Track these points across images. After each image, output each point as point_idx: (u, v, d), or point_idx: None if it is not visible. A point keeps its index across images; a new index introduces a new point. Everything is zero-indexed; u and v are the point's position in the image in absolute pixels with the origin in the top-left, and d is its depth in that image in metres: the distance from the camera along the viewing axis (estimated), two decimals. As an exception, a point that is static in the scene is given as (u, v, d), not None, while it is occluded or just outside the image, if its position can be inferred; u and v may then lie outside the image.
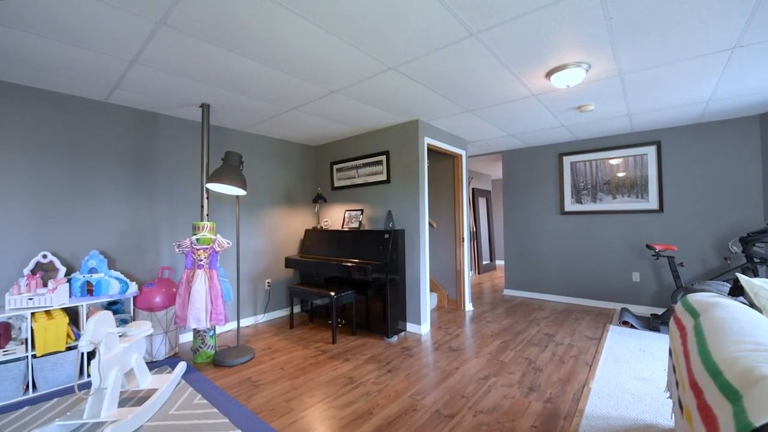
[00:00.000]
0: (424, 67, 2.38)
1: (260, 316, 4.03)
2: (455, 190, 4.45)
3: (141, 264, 3.12)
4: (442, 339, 3.35)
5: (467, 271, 4.42)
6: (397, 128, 3.71)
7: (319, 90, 2.75)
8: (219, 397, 2.25)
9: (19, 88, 2.55)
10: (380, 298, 3.43)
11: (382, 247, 3.40)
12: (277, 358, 2.92)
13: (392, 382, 2.46)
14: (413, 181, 3.57)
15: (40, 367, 2.33)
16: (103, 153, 2.93)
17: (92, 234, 2.85)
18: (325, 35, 1.96)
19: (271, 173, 4.20)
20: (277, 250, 4.25)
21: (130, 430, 1.85)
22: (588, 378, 2.50)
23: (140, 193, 3.14)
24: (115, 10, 1.71)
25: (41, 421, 2.00)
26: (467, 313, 4.28)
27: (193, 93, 2.77)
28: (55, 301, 2.38)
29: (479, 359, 2.85)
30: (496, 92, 2.87)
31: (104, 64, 2.26)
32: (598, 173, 4.51)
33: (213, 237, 2.78)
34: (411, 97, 2.95)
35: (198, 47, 2.07)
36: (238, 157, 2.87)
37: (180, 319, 2.70)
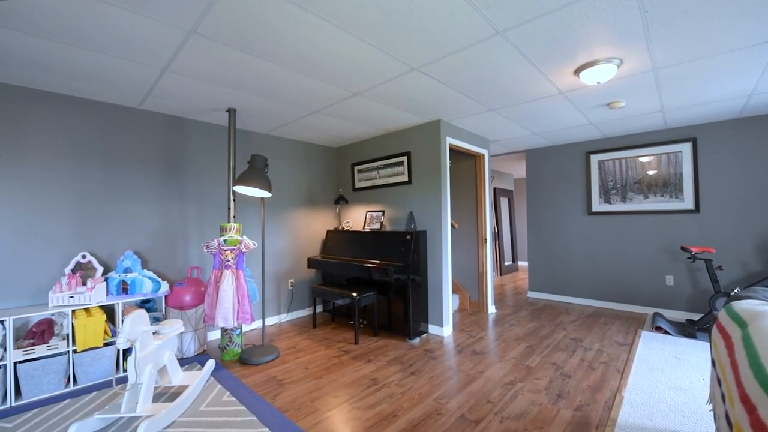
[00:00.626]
0: (447, 67, 2.35)
1: (284, 316, 4.10)
2: (477, 190, 4.38)
3: (172, 264, 3.24)
4: (465, 342, 3.31)
5: (490, 272, 4.35)
6: (419, 129, 3.69)
7: (342, 92, 2.77)
8: (246, 395, 2.30)
9: (61, 97, 2.70)
10: (402, 299, 3.42)
11: (404, 249, 3.39)
12: (301, 358, 2.96)
13: (416, 385, 2.45)
14: (435, 182, 3.54)
15: (80, 361, 2.46)
16: (136, 157, 3.06)
17: (127, 235, 2.98)
18: (349, 38, 1.97)
19: (293, 175, 4.26)
20: (300, 250, 4.32)
21: (164, 425, 1.92)
22: (620, 386, 2.40)
23: (171, 195, 3.26)
24: (150, 21, 1.78)
25: (82, 414, 2.11)
26: (490, 315, 4.21)
27: (220, 98, 2.85)
28: (94, 299, 2.51)
29: (504, 364, 2.80)
30: (521, 91, 2.80)
31: (138, 72, 2.36)
32: (628, 172, 4.34)
33: (239, 238, 2.85)
34: (433, 98, 2.92)
35: (226, 54, 2.12)
36: (263, 160, 2.92)
37: (209, 317, 2.79)
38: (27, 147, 2.57)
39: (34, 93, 2.60)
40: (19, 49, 2.03)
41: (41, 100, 2.62)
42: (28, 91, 2.58)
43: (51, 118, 2.66)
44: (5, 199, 2.48)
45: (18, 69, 2.28)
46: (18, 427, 1.97)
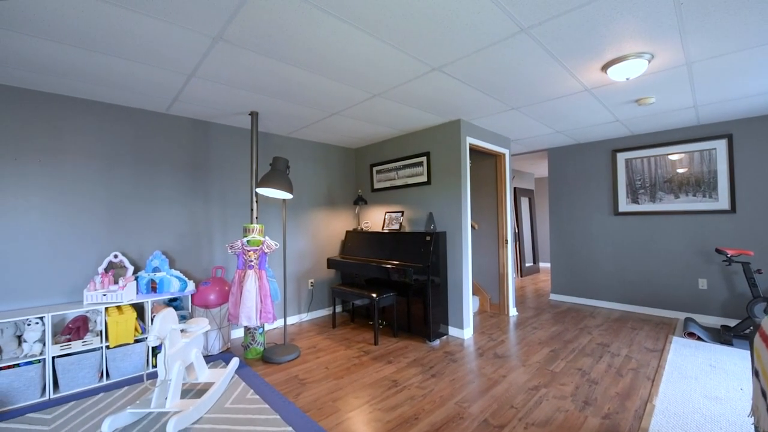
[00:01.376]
0: (469, 66, 2.32)
1: (304, 315, 4.15)
2: (498, 191, 4.31)
3: (197, 263, 3.34)
4: (486, 345, 3.25)
5: (511, 274, 4.26)
6: (438, 129, 3.66)
7: (362, 94, 2.78)
8: (269, 394, 2.34)
9: (95, 104, 2.82)
10: (421, 300, 3.40)
11: (424, 250, 3.37)
12: (321, 357, 2.99)
13: (437, 388, 2.43)
14: (455, 182, 3.51)
15: (112, 357, 2.56)
16: (164, 160, 3.16)
17: (155, 235, 3.09)
18: (371, 40, 1.97)
19: (313, 176, 4.31)
20: (319, 250, 4.36)
21: (192, 420, 1.98)
22: (651, 394, 2.31)
23: (196, 196, 3.35)
24: (179, 29, 1.83)
25: (114, 408, 2.19)
26: (511, 318, 4.13)
27: (243, 102, 2.91)
28: (125, 298, 2.61)
29: (527, 368, 2.74)
30: (545, 88, 2.73)
31: (166, 79, 2.44)
32: (658, 171, 4.17)
33: (262, 239, 2.90)
34: (454, 97, 2.89)
35: (250, 59, 2.16)
36: (285, 162, 2.97)
37: (233, 316, 2.85)
38: (64, 151, 2.70)
39: (72, 101, 2.73)
40: (58, 59, 2.14)
41: (78, 107, 2.75)
42: (65, 98, 2.71)
43: (86, 123, 2.79)
44: (45, 202, 2.61)
45: (56, 78, 2.40)
46: (56, 419, 2.07)
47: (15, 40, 1.92)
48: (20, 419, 2.08)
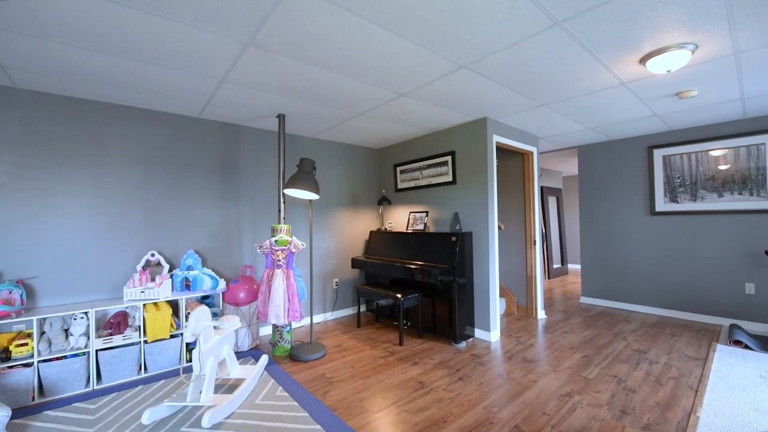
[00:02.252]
0: (498, 63, 2.26)
1: (329, 314, 4.20)
2: (525, 190, 4.19)
3: (227, 262, 3.44)
4: (514, 348, 3.17)
5: (539, 275, 4.14)
6: (464, 127, 3.60)
7: (388, 94, 2.77)
8: (298, 391, 2.38)
9: (134, 110, 2.97)
10: (446, 301, 3.36)
11: (449, 250, 3.33)
12: (347, 357, 3.01)
13: (464, 391, 2.39)
14: (481, 182, 3.44)
15: (150, 351, 2.68)
16: (196, 163, 3.28)
17: (189, 235, 3.21)
18: (399, 40, 1.96)
19: (337, 176, 4.35)
20: (344, 250, 4.39)
21: (225, 415, 2.04)
22: (695, 405, 2.18)
23: (227, 197, 3.46)
24: (212, 35, 1.89)
25: (152, 400, 2.29)
26: (539, 321, 4.01)
27: (271, 105, 2.97)
28: (161, 295, 2.72)
29: (559, 374, 2.65)
30: (578, 83, 2.63)
31: (199, 84, 2.53)
32: (699, 168, 3.93)
33: (289, 239, 2.95)
34: (481, 95, 2.83)
35: (279, 62, 2.20)
36: (311, 163, 3.01)
37: (262, 314, 2.92)
38: (106, 155, 2.85)
39: (113, 107, 2.88)
40: (101, 68, 2.26)
41: (118, 114, 2.90)
42: (107, 105, 2.86)
43: (126, 129, 2.93)
44: (88, 203, 2.77)
45: (99, 86, 2.54)
46: (100, 410, 2.19)
47: (63, 51, 2.04)
48: (68, 408, 2.21)
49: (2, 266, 2.47)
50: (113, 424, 2.01)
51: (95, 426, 2.00)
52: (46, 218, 2.62)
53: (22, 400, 2.24)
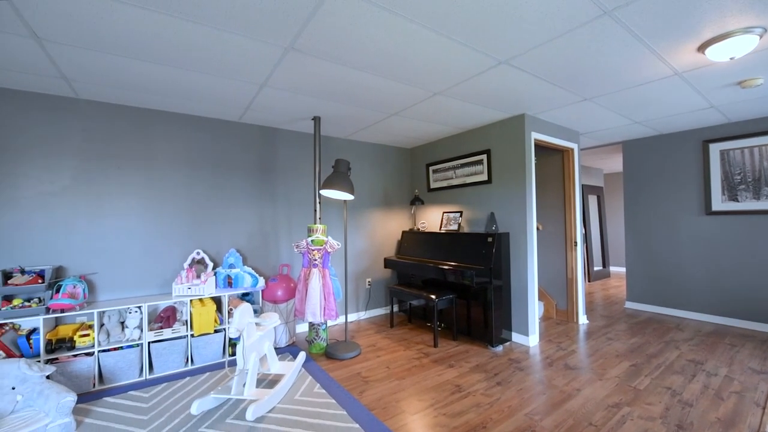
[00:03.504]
0: (540, 57, 2.18)
1: (362, 313, 4.23)
2: (565, 188, 4.01)
3: (265, 261, 3.56)
4: (554, 354, 3.05)
5: (581, 278, 3.95)
6: (500, 125, 3.50)
7: (422, 93, 2.75)
8: (335, 389, 2.41)
9: (180, 116, 3.13)
10: (481, 303, 3.28)
11: (485, 251, 3.25)
12: (382, 356, 3.01)
13: (504, 396, 2.32)
14: (519, 181, 3.33)
15: (196, 345, 2.82)
16: (236, 165, 3.42)
17: (230, 234, 3.35)
18: (437, 38, 1.93)
19: (369, 177, 4.38)
20: (376, 250, 4.41)
21: (267, 409, 2.10)
22: (762, 423, 1.98)
23: (264, 198, 3.58)
24: (254, 42, 1.95)
25: (199, 391, 2.41)
26: (581, 326, 3.82)
27: (307, 107, 3.04)
28: (206, 291, 2.86)
29: (605, 383, 2.51)
30: (626, 75, 2.48)
31: (241, 90, 2.62)
32: (764, 163, 3.58)
33: (325, 239, 3.00)
34: (520, 91, 2.74)
35: (316, 66, 2.24)
36: (346, 164, 3.04)
37: (299, 312, 2.99)
38: (155, 160, 3.03)
39: (160, 114, 3.06)
40: (151, 78, 2.40)
41: (165, 120, 3.08)
42: (155, 112, 3.04)
43: (173, 134, 3.11)
44: (140, 205, 2.96)
45: (149, 94, 2.70)
46: (152, 398, 2.33)
47: (118, 63, 2.19)
48: (124, 395, 2.37)
49: (67, 263, 2.69)
50: (165, 413, 2.13)
51: (149, 414, 2.13)
52: (104, 219, 2.82)
53: (84, 386, 2.44)
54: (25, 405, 2.01)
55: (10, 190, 2.53)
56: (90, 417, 2.10)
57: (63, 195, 2.69)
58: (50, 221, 2.64)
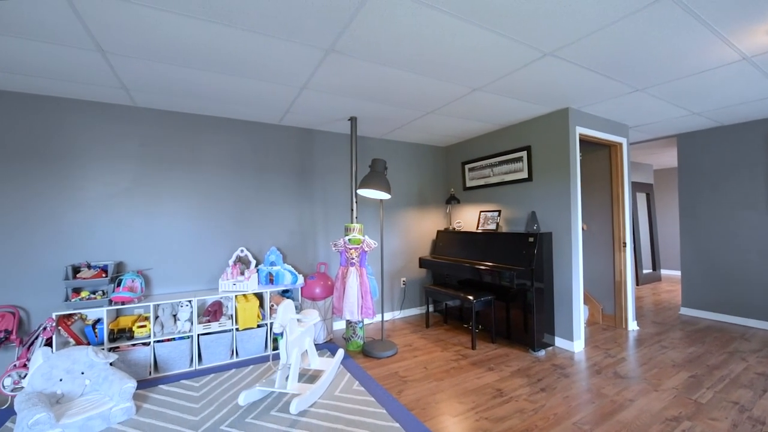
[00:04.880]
0: (589, 46, 2.06)
1: (397, 313, 4.23)
2: (613, 186, 3.78)
3: (303, 259, 3.65)
4: (602, 361, 2.88)
5: (630, 281, 3.71)
6: (542, 120, 3.36)
7: (461, 90, 2.70)
8: (374, 387, 2.42)
9: (224, 120, 3.29)
10: (521, 306, 3.17)
11: (526, 252, 3.13)
12: (419, 357, 2.99)
13: (549, 403, 2.23)
14: (562, 178, 3.18)
15: (240, 338, 2.95)
16: (276, 166, 3.53)
17: (271, 233, 3.48)
18: (479, 32, 1.89)
19: (404, 176, 4.36)
20: (411, 250, 4.39)
21: (309, 404, 2.15)
22: None
23: (302, 198, 3.67)
24: (296, 45, 2.00)
25: (244, 383, 2.51)
26: (630, 332, 3.59)
27: (344, 108, 3.08)
28: (250, 287, 2.98)
29: (661, 394, 2.33)
30: (686, 62, 2.29)
31: (282, 93, 2.70)
32: None
33: (362, 238, 3.03)
34: (565, 84, 2.61)
35: (355, 66, 2.26)
36: (383, 164, 3.05)
37: (337, 309, 3.04)
38: (202, 162, 3.20)
39: (206, 118, 3.22)
40: (199, 83, 2.53)
41: (211, 124, 3.24)
42: (203, 117, 3.21)
43: (217, 137, 3.27)
44: (189, 205, 3.14)
45: (196, 100, 2.85)
46: (202, 387, 2.46)
47: (171, 71, 2.33)
48: (177, 384, 2.52)
49: (126, 259, 2.91)
50: (214, 402, 2.24)
51: (200, 402, 2.25)
52: (158, 218, 3.02)
53: (141, 373, 2.62)
54: (92, 389, 2.20)
55: (79, 192, 2.77)
56: (147, 402, 2.26)
57: (123, 196, 2.91)
58: (112, 220, 2.87)
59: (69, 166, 2.74)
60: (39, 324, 2.61)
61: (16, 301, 2.58)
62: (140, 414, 2.13)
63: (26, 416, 1.78)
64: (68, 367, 2.15)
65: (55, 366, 2.12)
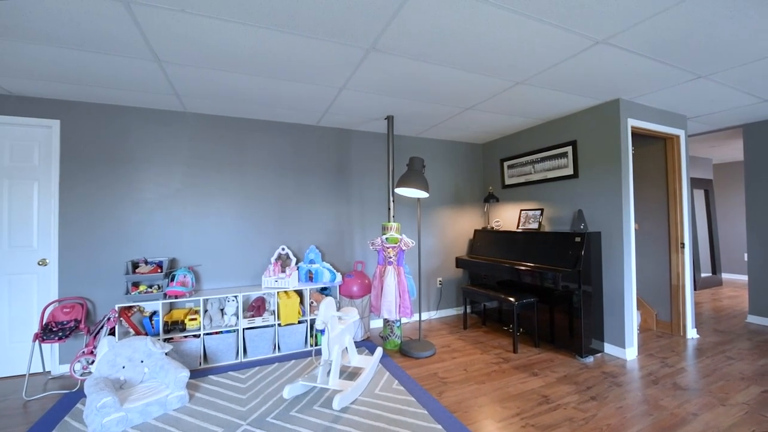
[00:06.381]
0: (648, 31, 1.91)
1: (433, 313, 4.19)
2: (669, 182, 3.50)
3: (340, 257, 3.70)
4: (658, 371, 2.68)
5: (689, 285, 3.42)
6: (589, 112, 3.18)
7: (503, 84, 2.61)
8: (413, 387, 2.41)
9: (267, 123, 3.41)
10: (567, 309, 3.01)
11: (572, 252, 2.98)
12: (458, 358, 2.94)
13: (600, 413, 2.10)
14: (612, 174, 2.99)
15: (282, 333, 3.04)
16: (314, 166, 3.61)
17: (310, 232, 3.56)
18: (526, 22, 1.81)
19: (439, 174, 4.30)
20: (447, 249, 4.33)
21: (351, 400, 2.18)
22: None
23: (339, 197, 3.72)
24: (337, 45, 2.02)
25: (287, 377, 2.59)
26: (689, 341, 3.31)
27: (381, 107, 3.08)
28: (291, 284, 3.06)
29: (729, 409, 2.13)
30: (760, 44, 2.07)
31: (322, 94, 2.75)
32: None
33: (399, 237, 3.02)
34: (617, 73, 2.45)
35: (395, 64, 2.25)
36: (420, 162, 3.02)
37: (375, 308, 3.05)
38: (246, 164, 3.33)
39: (249, 122, 3.36)
40: (244, 87, 2.63)
41: (254, 127, 3.37)
42: (247, 121, 3.34)
43: (260, 140, 3.39)
44: (235, 204, 3.28)
45: (241, 104, 2.97)
46: (248, 380, 2.56)
47: (218, 76, 2.44)
48: (225, 375, 2.64)
49: (178, 255, 3.09)
50: (260, 394, 2.33)
51: (247, 393, 2.34)
52: (206, 217, 3.18)
53: (192, 364, 2.77)
54: (150, 377, 2.36)
55: (137, 193, 2.98)
56: (199, 392, 2.38)
57: (175, 197, 3.09)
58: (166, 219, 3.06)
59: (129, 169, 2.95)
60: (104, 315, 2.84)
61: (84, 293, 2.82)
62: (193, 402, 2.25)
63: (95, 399, 1.93)
64: (130, 355, 2.32)
65: (119, 354, 2.29)
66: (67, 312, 2.70)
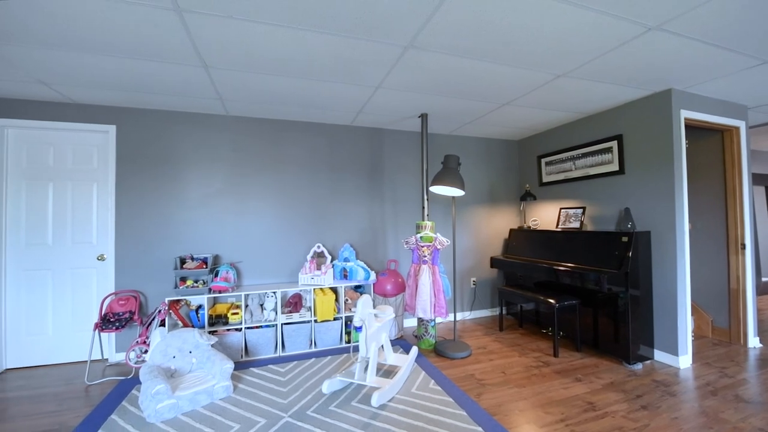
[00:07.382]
0: (709, 14, 1.78)
1: (467, 313, 4.12)
2: (728, 177, 3.24)
3: (374, 256, 3.73)
4: (717, 381, 2.48)
5: (750, 290, 3.14)
6: (636, 104, 3.00)
7: (543, 77, 2.52)
8: (450, 388, 2.37)
9: (302, 124, 3.49)
10: (612, 312, 2.86)
11: (618, 253, 2.82)
12: (495, 360, 2.87)
13: (653, 423, 1.97)
14: (663, 170, 2.80)
15: (318, 329, 3.10)
16: (348, 166, 3.65)
17: (345, 230, 3.61)
18: (572, 10, 1.73)
19: (473, 172, 4.22)
20: (482, 249, 4.24)
21: (388, 398, 2.18)
22: None
23: (373, 196, 3.75)
24: (376, 44, 2.03)
25: (324, 372, 2.64)
26: (751, 350, 3.04)
27: (415, 105, 3.06)
28: (326, 282, 3.12)
29: (805, 426, 1.93)
30: (842, 23, 1.86)
31: (358, 93, 2.78)
32: None
33: (434, 235, 2.99)
34: (670, 61, 2.29)
35: (432, 60, 2.23)
36: (456, 159, 2.98)
37: (409, 307, 3.04)
38: (283, 163, 3.43)
39: (286, 123, 3.45)
40: (283, 90, 2.71)
41: (291, 128, 3.46)
42: (284, 122, 3.44)
43: (297, 140, 3.48)
44: (273, 204, 3.39)
45: (278, 106, 3.06)
46: (287, 374, 2.63)
47: (259, 80, 2.52)
48: (265, 368, 2.73)
49: (221, 252, 3.23)
50: (299, 388, 2.39)
51: (287, 387, 2.41)
52: (246, 215, 3.31)
53: (234, 356, 2.89)
54: (197, 367, 2.48)
55: (183, 192, 3.14)
56: (242, 383, 2.48)
57: (217, 196, 3.24)
58: (209, 217, 3.21)
59: (176, 170, 3.13)
60: (155, 307, 3.02)
61: (138, 287, 3.02)
62: (237, 393, 2.35)
63: (149, 386, 2.06)
64: (179, 346, 2.46)
65: (170, 344, 2.43)
66: (122, 304, 2.89)
